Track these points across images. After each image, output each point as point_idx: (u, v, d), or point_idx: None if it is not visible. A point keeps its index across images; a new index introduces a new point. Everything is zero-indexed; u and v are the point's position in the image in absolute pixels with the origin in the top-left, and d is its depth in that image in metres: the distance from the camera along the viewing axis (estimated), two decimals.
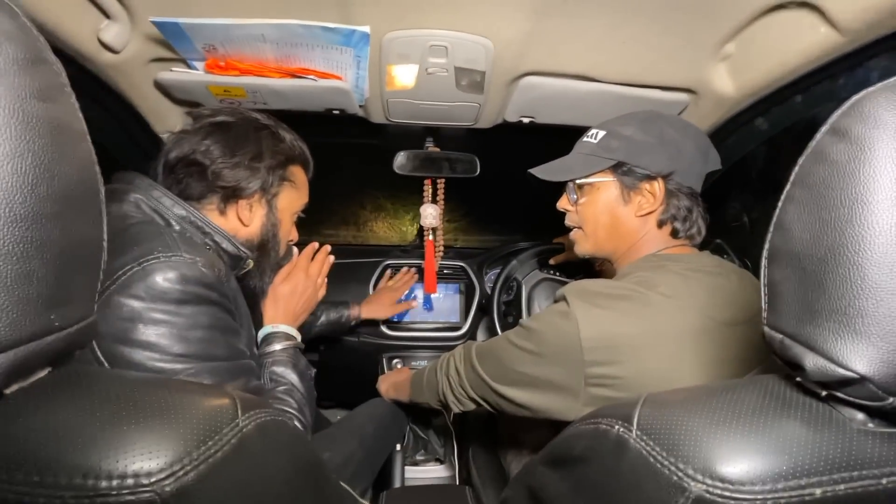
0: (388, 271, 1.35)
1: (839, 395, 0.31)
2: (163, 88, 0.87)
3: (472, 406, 0.83)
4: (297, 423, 0.73)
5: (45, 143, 0.27)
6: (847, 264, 0.30)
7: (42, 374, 0.28)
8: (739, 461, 0.31)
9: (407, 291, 1.30)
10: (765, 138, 0.94)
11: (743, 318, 0.65)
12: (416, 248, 1.45)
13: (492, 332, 1.27)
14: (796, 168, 0.35)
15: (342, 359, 1.35)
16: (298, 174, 0.82)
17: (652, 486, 0.33)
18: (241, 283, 0.79)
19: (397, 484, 1.09)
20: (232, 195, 0.73)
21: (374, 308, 1.23)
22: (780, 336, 0.34)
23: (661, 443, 0.33)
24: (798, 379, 0.34)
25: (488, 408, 0.79)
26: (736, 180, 1.13)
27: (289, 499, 0.35)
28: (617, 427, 0.37)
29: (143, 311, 0.55)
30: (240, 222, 0.75)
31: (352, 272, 1.38)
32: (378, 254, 1.43)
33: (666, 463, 0.32)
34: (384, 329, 1.33)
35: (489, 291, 1.34)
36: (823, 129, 0.34)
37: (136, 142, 0.95)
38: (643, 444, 0.34)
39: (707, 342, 0.62)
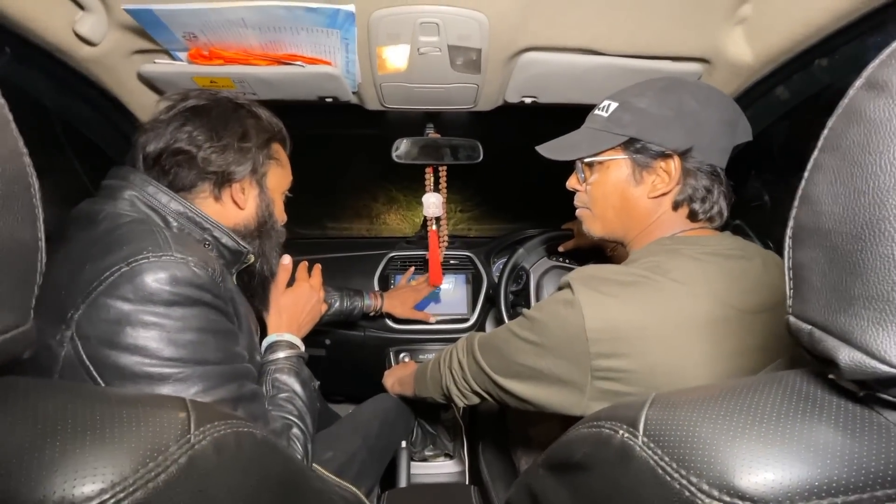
0: (411, 268, 1.32)
1: (880, 395, 0.26)
2: (147, 81, 0.85)
3: (476, 400, 0.80)
4: (296, 429, 0.71)
5: None
6: (889, 241, 0.25)
7: None
8: (761, 473, 0.26)
9: (427, 295, 1.28)
10: (787, 109, 0.87)
11: (768, 305, 0.59)
12: (421, 239, 1.41)
13: (500, 324, 1.23)
14: (825, 131, 0.30)
15: (349, 353, 1.33)
16: (281, 152, 0.81)
17: (658, 501, 0.29)
18: (241, 281, 0.77)
19: (403, 481, 1.07)
20: (224, 180, 0.70)
21: (395, 304, 1.21)
22: (809, 327, 0.30)
23: (670, 451, 0.29)
24: (830, 376, 0.29)
25: (492, 401, 0.76)
26: (755, 156, 1.05)
27: None
28: (621, 432, 0.33)
29: (130, 313, 0.52)
30: (236, 206, 0.73)
31: (356, 264, 1.35)
32: (383, 246, 1.40)
33: (676, 476, 0.28)
34: (390, 323, 1.30)
35: (496, 281, 1.30)
36: (857, 83, 0.29)
37: (126, 136, 0.93)
38: (650, 452, 0.30)
39: (725, 332, 0.57)
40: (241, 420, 0.33)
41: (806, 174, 0.31)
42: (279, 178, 0.80)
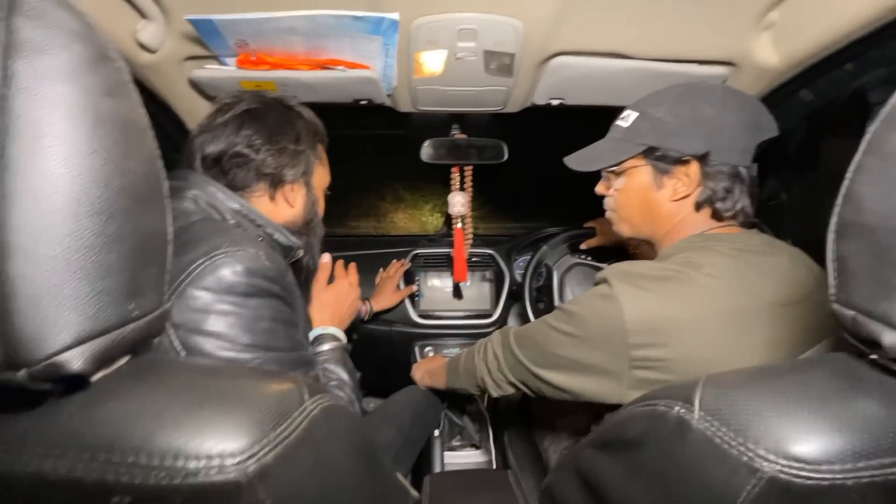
0: (381, 269, 1.38)
1: None
2: (196, 86, 0.89)
3: (511, 390, 0.83)
4: None
5: (114, 140, 0.28)
6: None
7: (122, 362, 0.30)
8: (814, 440, 0.30)
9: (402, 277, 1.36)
10: (809, 111, 0.90)
11: (796, 298, 0.63)
12: (443, 237, 1.45)
13: (524, 319, 1.27)
14: (868, 136, 0.33)
15: (375, 348, 1.37)
16: (323, 151, 0.85)
17: (718, 468, 0.32)
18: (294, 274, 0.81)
19: (437, 469, 1.10)
20: (278, 180, 0.74)
21: (381, 300, 1.28)
22: (853, 313, 0.33)
23: (727, 423, 0.33)
24: (873, 357, 0.32)
25: (528, 392, 0.79)
26: (773, 156, 1.08)
27: (351, 482, 0.36)
28: (677, 408, 0.36)
29: (213, 302, 0.57)
30: (287, 204, 0.77)
31: (381, 263, 1.39)
32: (407, 244, 1.43)
33: (734, 444, 0.32)
34: (416, 318, 1.34)
35: (519, 278, 1.33)
36: None
37: (171, 139, 0.98)
38: (707, 424, 0.34)
39: (757, 324, 0.61)
40: (335, 393, 0.36)
41: (849, 175, 0.34)
42: (322, 176, 0.84)
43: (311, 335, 0.86)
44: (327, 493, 0.32)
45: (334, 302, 0.92)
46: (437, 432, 1.17)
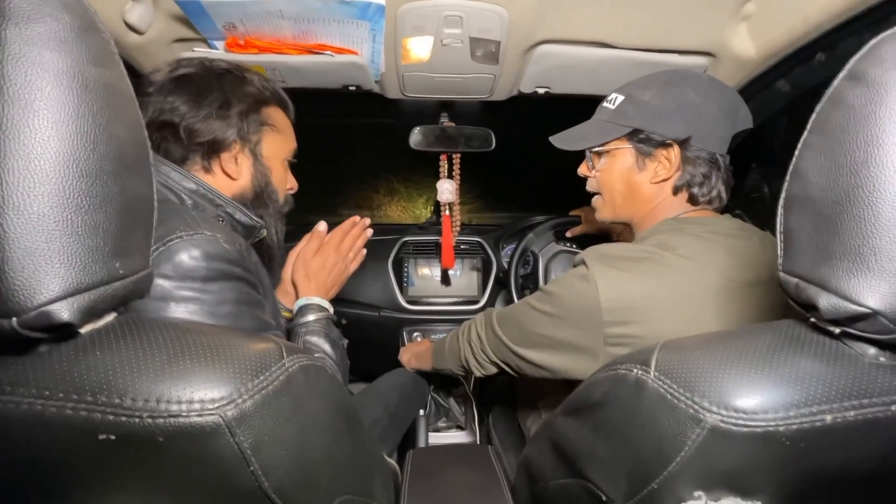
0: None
1: (851, 331, 0.32)
2: None
3: (493, 370, 0.86)
4: None
5: (102, 106, 0.30)
6: (861, 205, 0.31)
7: (109, 318, 0.31)
8: (753, 394, 0.32)
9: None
10: (786, 101, 0.93)
11: (765, 278, 0.65)
12: (432, 225, 1.47)
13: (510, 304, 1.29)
14: (813, 115, 0.36)
15: (364, 333, 1.39)
16: (277, 116, 0.78)
17: (669, 421, 0.35)
18: (258, 252, 0.79)
19: (422, 445, 1.13)
20: (212, 150, 0.69)
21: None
22: (795, 280, 0.35)
23: (678, 381, 0.35)
24: (812, 319, 0.35)
25: (509, 371, 0.82)
26: (755, 149, 1.11)
27: (330, 436, 0.38)
28: (636, 370, 0.39)
29: (172, 289, 0.55)
30: (227, 177, 0.72)
31: (371, 249, 1.40)
32: (396, 231, 1.45)
33: (682, 398, 0.34)
34: (404, 304, 1.36)
35: (506, 266, 1.36)
36: (841, 74, 0.34)
37: None
38: (660, 383, 0.36)
39: (726, 302, 0.64)
40: (315, 356, 0.39)
41: (797, 152, 0.37)
42: (277, 144, 0.77)
43: (296, 305, 0.85)
44: (304, 442, 0.34)
45: (320, 270, 0.88)
46: (422, 412, 1.20)
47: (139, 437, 0.27)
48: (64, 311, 0.27)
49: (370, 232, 0.97)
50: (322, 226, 0.93)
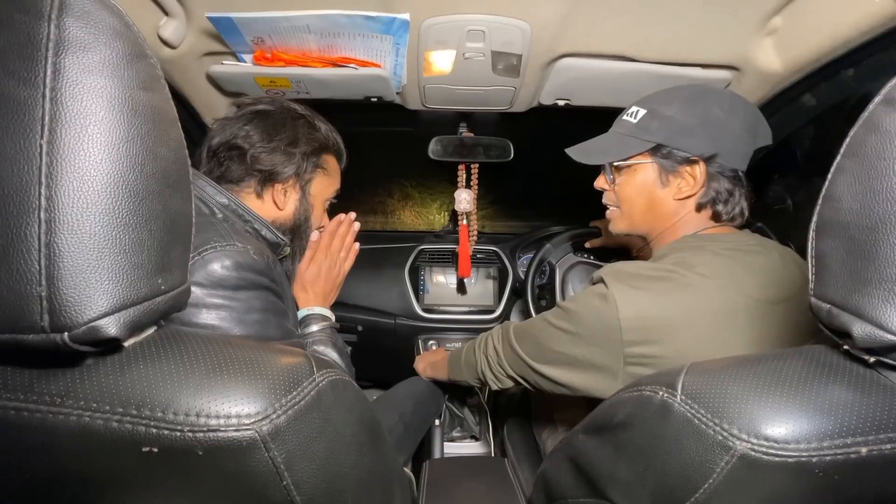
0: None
1: (887, 360, 0.32)
2: (213, 81, 0.92)
3: (510, 384, 0.86)
4: None
5: (149, 128, 0.31)
6: None
7: (151, 331, 0.33)
8: (784, 422, 0.32)
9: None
10: (811, 116, 0.91)
11: (786, 296, 0.64)
12: (449, 234, 1.47)
13: (526, 316, 1.29)
14: (847, 139, 0.35)
15: (379, 340, 1.40)
16: (331, 162, 0.86)
17: (696, 447, 0.35)
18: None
19: (437, 455, 1.13)
20: (268, 178, 0.77)
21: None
22: (828, 306, 0.35)
23: (705, 405, 0.35)
24: (845, 347, 0.34)
25: (527, 386, 0.81)
26: (779, 161, 1.09)
27: (356, 449, 0.39)
28: (661, 393, 0.39)
29: (204, 296, 0.59)
30: (275, 205, 0.79)
31: (388, 256, 1.42)
32: (412, 239, 1.46)
33: (710, 424, 0.34)
34: (420, 312, 1.37)
35: (522, 275, 1.36)
36: (877, 99, 0.34)
37: (188, 131, 1.01)
38: (687, 407, 0.36)
39: (747, 321, 0.63)
40: (343, 370, 0.39)
41: (829, 176, 0.36)
42: (324, 186, 0.86)
43: (298, 316, 0.87)
44: (332, 455, 0.35)
45: (315, 279, 0.90)
46: (437, 422, 1.20)
47: (180, 451, 0.28)
48: (111, 327, 0.28)
49: (357, 225, 0.97)
50: (315, 236, 0.93)
